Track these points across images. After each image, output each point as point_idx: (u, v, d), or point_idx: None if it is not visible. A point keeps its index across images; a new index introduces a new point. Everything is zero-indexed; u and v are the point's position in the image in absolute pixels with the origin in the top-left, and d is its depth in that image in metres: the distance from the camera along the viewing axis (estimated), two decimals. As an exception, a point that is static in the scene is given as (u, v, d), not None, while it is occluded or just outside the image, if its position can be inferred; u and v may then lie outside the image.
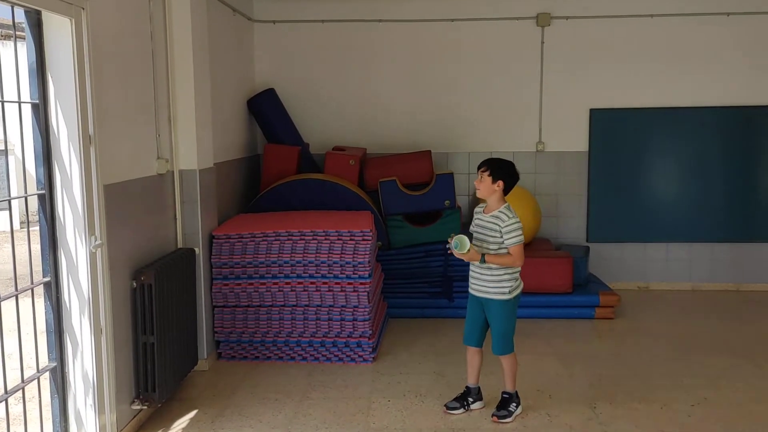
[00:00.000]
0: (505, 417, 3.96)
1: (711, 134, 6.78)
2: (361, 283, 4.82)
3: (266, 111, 6.45)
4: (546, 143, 6.89)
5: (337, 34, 6.81)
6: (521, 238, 3.79)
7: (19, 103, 3.12)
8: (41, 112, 3.26)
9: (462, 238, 3.76)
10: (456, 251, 3.77)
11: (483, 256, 3.80)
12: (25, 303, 3.29)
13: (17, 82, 3.09)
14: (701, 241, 6.89)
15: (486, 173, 3.84)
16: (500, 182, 3.82)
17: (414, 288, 6.05)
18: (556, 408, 4.13)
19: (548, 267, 5.89)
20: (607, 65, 6.75)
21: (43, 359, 3.43)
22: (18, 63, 3.09)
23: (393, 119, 6.89)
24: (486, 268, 3.86)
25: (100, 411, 3.47)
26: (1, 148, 10.80)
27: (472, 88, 6.84)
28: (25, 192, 3.29)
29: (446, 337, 5.40)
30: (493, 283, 3.86)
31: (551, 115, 6.84)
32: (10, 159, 11.80)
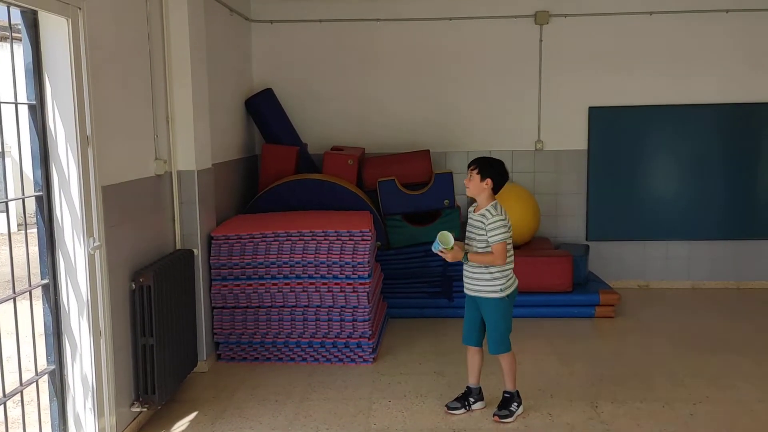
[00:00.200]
0: (506, 417, 3.95)
1: (711, 132, 6.77)
2: (361, 284, 4.80)
3: (264, 111, 6.43)
4: (545, 142, 6.87)
5: (334, 33, 6.79)
6: (504, 236, 3.77)
7: (16, 104, 3.11)
8: (38, 113, 3.24)
9: (445, 234, 3.76)
10: (439, 249, 3.76)
11: (466, 254, 3.80)
12: (23, 305, 3.26)
13: (14, 83, 3.08)
14: (701, 238, 6.88)
15: (475, 171, 3.86)
16: (489, 180, 3.83)
17: (413, 288, 6.03)
18: (558, 407, 4.12)
19: (548, 266, 5.88)
20: (606, 63, 6.73)
21: (42, 362, 3.40)
22: (14, 64, 3.07)
23: (391, 119, 6.87)
24: (476, 267, 3.86)
25: (100, 414, 3.45)
26: (-1, 149, 10.75)
27: (470, 87, 6.82)
28: (23, 194, 3.26)
29: (446, 336, 5.39)
30: (485, 282, 3.85)
31: (550, 113, 6.82)
32: (7, 161, 11.75)
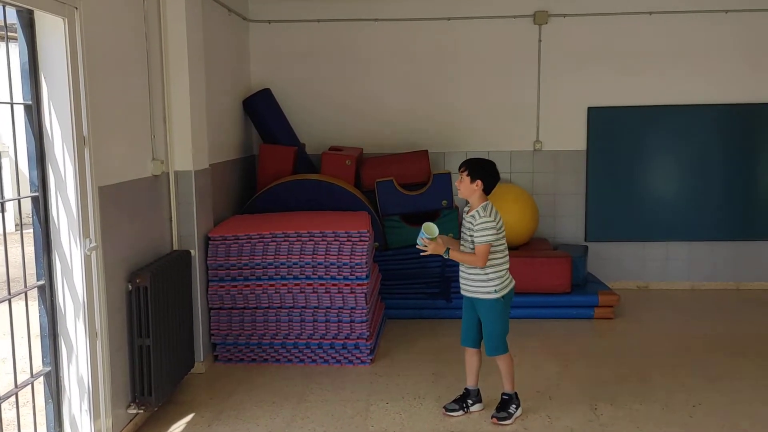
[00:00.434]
0: (504, 419, 3.93)
1: (710, 132, 6.76)
2: (359, 284, 4.78)
3: (262, 111, 6.41)
4: (543, 142, 6.86)
5: (332, 33, 6.78)
6: (489, 239, 3.74)
7: (12, 104, 3.09)
8: (34, 113, 3.23)
9: (429, 225, 3.77)
10: (422, 239, 3.75)
11: (447, 249, 3.79)
12: (18, 306, 3.25)
13: (9, 83, 3.06)
14: (700, 239, 6.87)
15: (465, 173, 3.85)
16: (479, 182, 3.82)
17: (411, 289, 6.02)
18: (557, 409, 4.10)
19: (546, 267, 5.87)
20: (605, 63, 6.72)
21: (37, 363, 3.39)
22: (10, 64, 3.05)
23: (389, 119, 6.86)
24: (472, 267, 3.85)
25: (96, 415, 3.43)
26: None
27: (468, 87, 6.81)
28: (19, 194, 3.25)
29: (444, 337, 5.37)
30: (480, 283, 3.84)
31: (549, 113, 6.81)
32: (4, 161, 11.73)
